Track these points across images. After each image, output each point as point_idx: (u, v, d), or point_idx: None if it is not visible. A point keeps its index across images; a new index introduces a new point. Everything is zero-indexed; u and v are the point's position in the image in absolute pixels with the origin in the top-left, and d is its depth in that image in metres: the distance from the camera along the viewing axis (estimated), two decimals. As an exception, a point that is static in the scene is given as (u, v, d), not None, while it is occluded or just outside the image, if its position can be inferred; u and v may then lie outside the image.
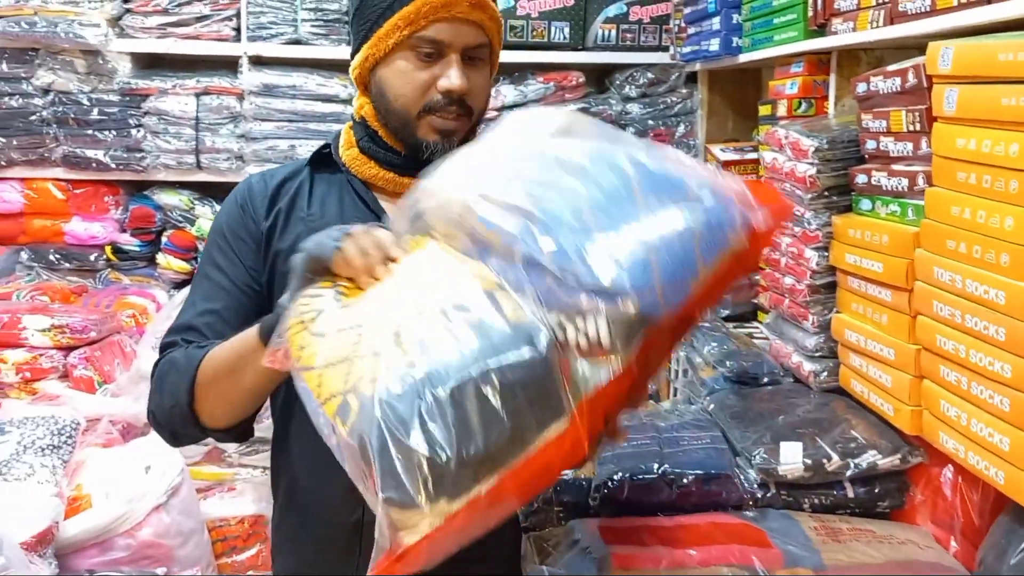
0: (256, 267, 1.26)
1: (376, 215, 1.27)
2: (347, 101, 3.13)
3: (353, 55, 1.27)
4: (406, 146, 1.24)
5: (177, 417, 1.18)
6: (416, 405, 0.79)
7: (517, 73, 3.22)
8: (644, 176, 0.90)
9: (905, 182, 1.62)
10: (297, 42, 3.11)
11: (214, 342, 1.17)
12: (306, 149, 3.10)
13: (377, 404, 0.80)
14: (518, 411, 0.81)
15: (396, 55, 1.20)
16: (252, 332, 1.09)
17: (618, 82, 3.27)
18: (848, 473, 1.67)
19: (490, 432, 0.80)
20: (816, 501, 1.70)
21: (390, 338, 0.85)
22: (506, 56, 3.15)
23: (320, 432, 0.88)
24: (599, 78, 3.40)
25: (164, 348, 1.26)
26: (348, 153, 1.30)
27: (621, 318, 0.82)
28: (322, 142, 3.44)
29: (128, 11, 3.05)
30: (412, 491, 0.78)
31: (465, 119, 1.23)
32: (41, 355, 2.45)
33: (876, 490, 1.70)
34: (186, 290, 3.04)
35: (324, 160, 1.33)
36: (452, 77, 1.18)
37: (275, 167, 1.38)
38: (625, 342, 0.83)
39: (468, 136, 1.27)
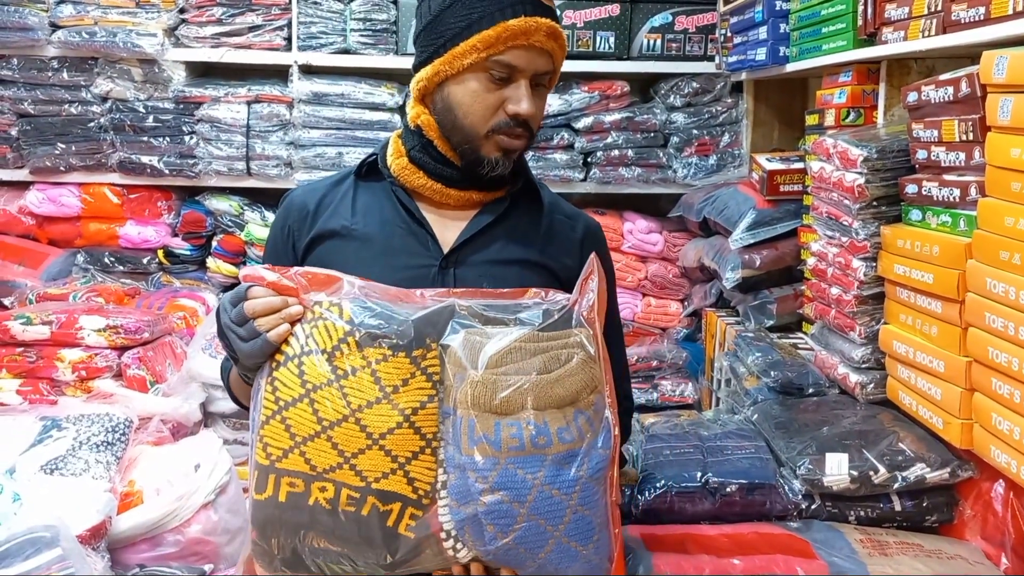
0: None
1: (419, 223, 1.29)
2: (394, 109, 3.18)
3: (418, 66, 1.29)
4: (465, 160, 1.27)
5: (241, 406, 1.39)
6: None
7: (562, 82, 3.24)
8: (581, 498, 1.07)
9: (957, 192, 1.60)
10: (346, 51, 3.17)
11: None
12: (353, 156, 3.15)
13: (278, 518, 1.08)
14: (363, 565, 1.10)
15: (468, 74, 1.22)
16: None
17: (663, 91, 3.27)
18: (895, 486, 1.65)
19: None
20: (862, 513, 1.68)
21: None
22: (551, 65, 3.17)
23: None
24: (644, 87, 3.41)
25: None
26: (397, 162, 1.31)
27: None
28: (369, 150, 3.50)
29: (183, 21, 3.13)
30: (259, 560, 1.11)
31: (526, 139, 1.26)
32: (96, 354, 2.51)
33: (924, 504, 1.68)
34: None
35: (370, 168, 1.35)
36: (523, 103, 1.21)
37: (323, 177, 1.42)
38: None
39: (523, 152, 1.31)
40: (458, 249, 1.29)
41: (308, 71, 3.20)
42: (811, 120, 2.47)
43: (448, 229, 1.30)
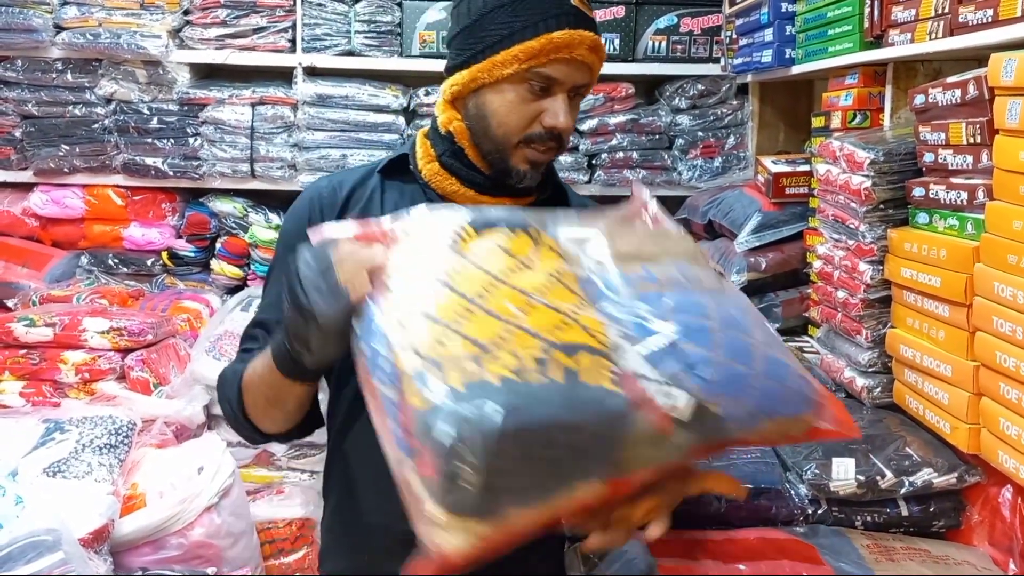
0: None
1: None
2: (398, 111, 3.17)
3: (452, 69, 1.25)
4: (493, 170, 1.25)
5: (242, 429, 1.28)
6: (490, 432, 0.81)
7: (566, 84, 3.23)
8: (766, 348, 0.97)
9: (964, 195, 1.59)
10: (350, 53, 3.16)
11: (254, 357, 1.21)
12: (357, 158, 3.14)
13: (464, 408, 0.81)
14: (575, 460, 0.85)
15: (506, 83, 1.19)
16: (274, 366, 1.11)
17: (668, 93, 3.26)
18: (902, 491, 1.64)
19: (540, 473, 0.84)
20: (869, 519, 1.67)
21: (481, 350, 0.86)
22: (556, 67, 3.16)
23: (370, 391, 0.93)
24: (649, 89, 3.40)
25: (242, 341, 1.35)
26: (429, 167, 1.28)
27: (704, 410, 0.88)
28: (373, 152, 3.44)
29: (188, 23, 3.13)
30: (455, 506, 0.82)
31: (555, 151, 1.25)
32: (100, 356, 2.51)
33: (931, 509, 1.67)
34: (249, 290, 3.07)
35: (397, 168, 1.32)
36: (559, 116, 1.19)
37: (342, 171, 1.37)
38: (687, 436, 0.88)
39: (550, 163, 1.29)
40: None
41: (312, 73, 3.20)
42: (817, 122, 2.46)
43: None
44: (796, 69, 2.58)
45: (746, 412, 0.91)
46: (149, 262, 3.26)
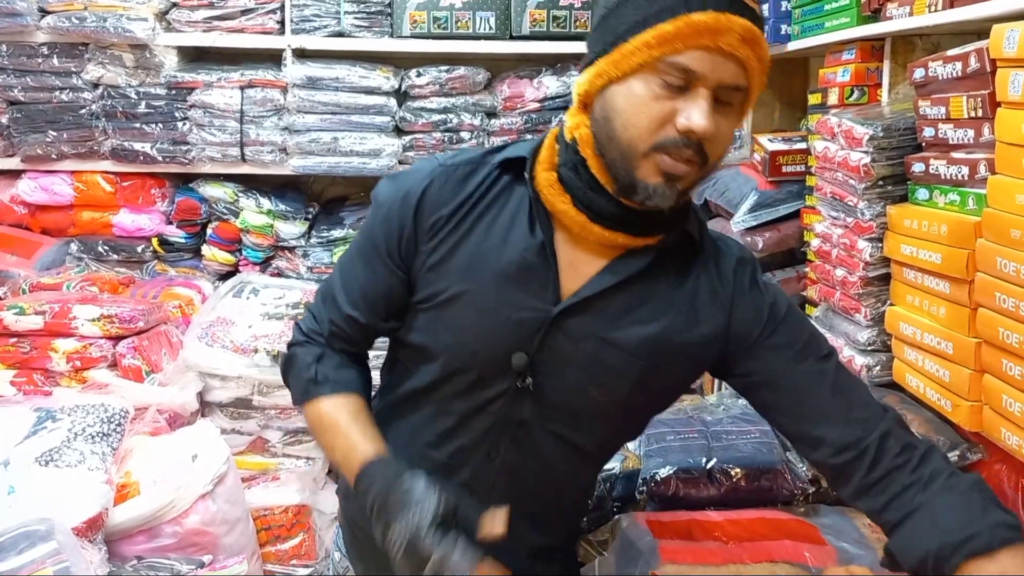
0: (402, 269, 1.14)
1: (547, 257, 1.09)
2: (389, 93, 3.12)
3: (584, 68, 1.07)
4: (618, 184, 1.04)
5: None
6: None
7: (559, 64, 3.19)
8: None
9: (965, 170, 1.57)
10: (340, 34, 3.12)
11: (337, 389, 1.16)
12: (349, 141, 3.10)
13: None
14: None
15: (635, 77, 0.99)
16: (354, 468, 1.07)
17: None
18: (903, 469, 1.62)
19: None
20: (870, 498, 1.66)
21: None
22: (548, 47, 3.15)
23: None
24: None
25: (314, 318, 1.22)
26: (544, 176, 1.08)
27: None
28: (364, 134, 3.37)
29: (175, 5, 3.08)
30: None
31: (696, 167, 1.01)
32: (91, 344, 2.48)
33: (932, 487, 1.65)
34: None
35: (513, 167, 1.12)
36: (695, 116, 0.97)
37: (453, 158, 1.15)
38: None
39: (693, 186, 1.05)
40: (577, 306, 1.08)
41: (302, 55, 3.15)
42: (814, 99, 2.44)
43: (576, 274, 1.09)
44: (792, 45, 2.55)
45: None
46: (139, 249, 3.22)
